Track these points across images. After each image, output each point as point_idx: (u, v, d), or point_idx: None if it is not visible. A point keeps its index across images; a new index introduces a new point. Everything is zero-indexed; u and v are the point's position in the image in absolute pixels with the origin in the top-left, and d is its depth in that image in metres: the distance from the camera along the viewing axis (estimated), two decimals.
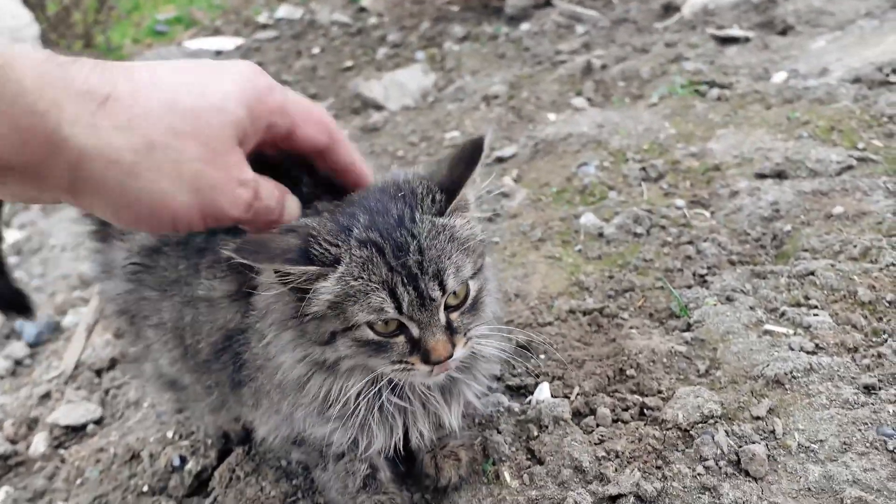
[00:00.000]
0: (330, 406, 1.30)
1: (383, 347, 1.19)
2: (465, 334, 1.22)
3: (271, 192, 1.15)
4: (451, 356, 1.18)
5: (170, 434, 1.99)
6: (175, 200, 1.02)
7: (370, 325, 1.17)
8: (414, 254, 1.14)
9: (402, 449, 1.44)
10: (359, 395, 1.28)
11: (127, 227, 1.23)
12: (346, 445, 1.42)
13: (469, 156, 1.21)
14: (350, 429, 1.35)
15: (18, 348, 2.74)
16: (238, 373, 1.41)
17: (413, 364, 1.19)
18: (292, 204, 1.21)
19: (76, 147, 0.92)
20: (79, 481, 1.96)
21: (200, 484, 1.82)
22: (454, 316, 1.21)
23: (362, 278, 1.13)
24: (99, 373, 2.48)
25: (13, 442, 2.25)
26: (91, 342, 2.61)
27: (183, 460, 1.87)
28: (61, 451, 2.14)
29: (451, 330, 1.20)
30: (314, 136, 1.19)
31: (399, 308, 1.14)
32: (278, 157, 1.21)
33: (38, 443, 2.20)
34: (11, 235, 3.47)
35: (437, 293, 1.15)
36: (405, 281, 1.13)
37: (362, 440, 1.39)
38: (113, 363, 2.49)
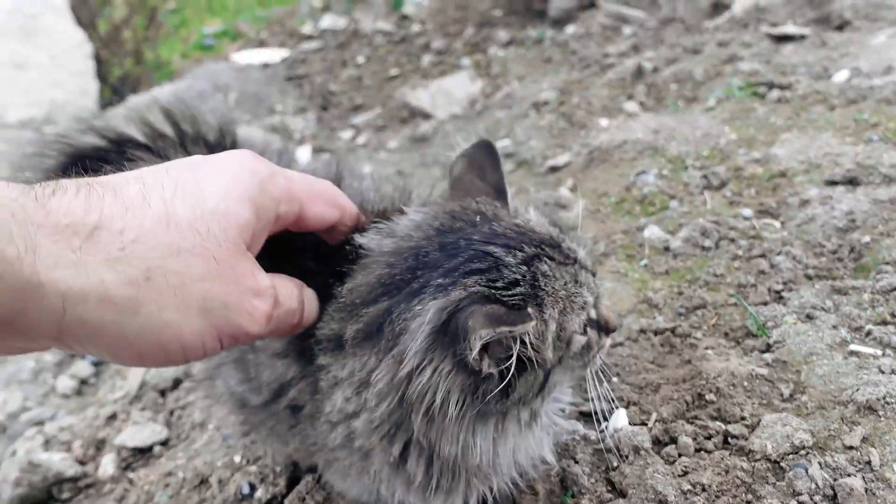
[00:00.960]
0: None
1: (588, 346, 1.21)
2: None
3: (291, 292, 1.08)
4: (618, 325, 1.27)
5: (237, 459, 1.97)
6: (184, 330, 0.92)
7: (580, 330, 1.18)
8: (558, 242, 1.19)
9: None
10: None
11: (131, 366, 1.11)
12: None
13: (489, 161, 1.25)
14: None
15: (83, 367, 2.75)
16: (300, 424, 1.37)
17: (603, 344, 1.25)
18: (311, 298, 1.15)
19: (58, 292, 0.82)
20: None
21: None
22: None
23: (555, 288, 1.12)
24: (163, 393, 2.48)
25: (82, 463, 2.26)
26: None
27: (252, 488, 1.85)
28: (129, 474, 2.14)
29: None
30: (324, 213, 1.13)
31: (591, 291, 1.19)
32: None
33: (107, 465, 2.20)
34: None
35: (591, 291, 1.20)
36: (577, 268, 1.17)
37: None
38: (176, 383, 2.49)
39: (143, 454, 2.24)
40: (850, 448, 1.46)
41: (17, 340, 0.85)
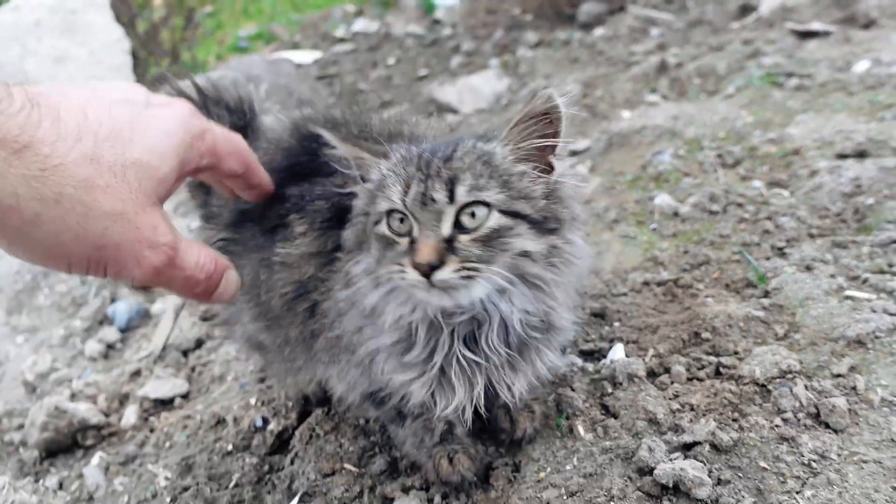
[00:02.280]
0: (409, 350, 1.32)
1: (390, 245, 1.23)
2: (463, 260, 1.17)
3: (201, 263, 1.16)
4: (432, 265, 1.15)
5: (252, 401, 2.05)
6: (73, 254, 1.02)
7: (387, 218, 1.24)
8: (440, 160, 1.22)
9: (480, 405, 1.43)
10: (431, 340, 1.31)
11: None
12: (425, 399, 1.40)
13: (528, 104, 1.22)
14: (428, 382, 1.35)
15: (110, 333, 2.85)
16: (312, 322, 1.45)
17: (404, 267, 1.19)
18: (231, 280, 1.24)
19: None
20: (167, 444, 2.04)
21: (282, 443, 1.88)
22: (463, 238, 1.18)
23: (393, 171, 1.24)
24: (185, 353, 2.57)
25: (106, 414, 2.35)
26: (178, 324, 2.71)
27: (265, 421, 1.93)
28: (151, 419, 2.22)
29: (451, 246, 1.18)
30: (233, 167, 1.27)
31: (404, 200, 1.20)
32: None
33: (129, 415, 2.30)
34: None
35: (441, 195, 1.18)
36: (420, 178, 1.20)
37: (440, 397, 1.37)
38: (199, 343, 2.59)
39: (164, 405, 2.33)
40: (838, 376, 1.50)
41: None
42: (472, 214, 1.18)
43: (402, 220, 1.22)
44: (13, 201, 0.94)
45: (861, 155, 2.35)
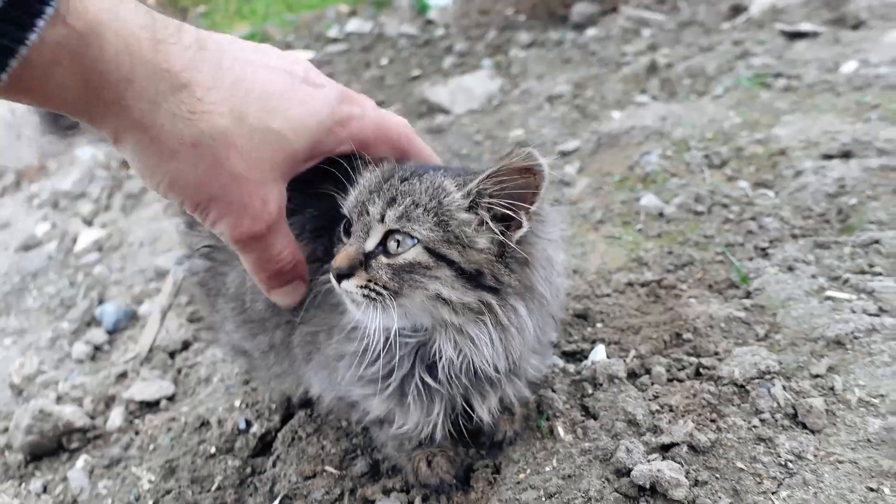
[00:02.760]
0: (371, 363, 1.30)
1: (336, 248, 1.27)
2: (371, 279, 1.18)
3: (280, 255, 1.24)
4: (340, 272, 1.19)
5: (237, 403, 2.06)
6: (189, 196, 1.10)
7: (344, 222, 1.27)
8: (397, 180, 1.22)
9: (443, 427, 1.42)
10: (390, 358, 1.29)
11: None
12: (385, 416, 1.42)
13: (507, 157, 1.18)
14: (386, 400, 1.36)
15: (98, 335, 2.85)
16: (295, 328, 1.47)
17: (329, 270, 1.22)
18: (297, 292, 1.33)
19: (131, 118, 1.01)
20: (151, 447, 2.04)
21: (265, 445, 1.88)
22: (382, 260, 1.19)
23: (363, 182, 1.26)
24: (172, 354, 2.57)
25: (91, 417, 2.35)
26: (165, 326, 2.71)
27: (248, 424, 1.93)
28: (136, 422, 2.22)
29: (365, 263, 1.20)
30: (385, 153, 1.30)
31: (347, 204, 1.25)
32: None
33: (115, 417, 2.29)
34: (93, 234, 3.63)
35: (375, 211, 1.19)
36: (370, 191, 1.22)
37: (399, 416, 1.38)
38: (185, 345, 2.58)
39: (150, 407, 2.33)
40: (816, 376, 1.50)
41: (87, 124, 1.04)
42: (398, 242, 1.18)
43: (347, 228, 1.25)
44: (159, 132, 1.03)
45: (846, 155, 2.36)
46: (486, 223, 1.17)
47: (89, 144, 4.39)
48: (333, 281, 1.20)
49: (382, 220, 1.18)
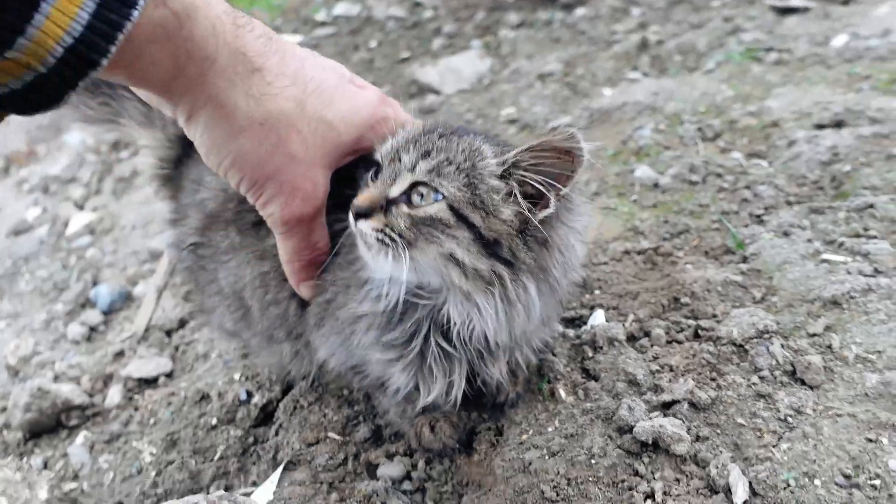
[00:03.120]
0: (389, 328, 1.31)
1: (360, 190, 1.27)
2: (387, 224, 1.18)
3: (322, 243, 1.35)
4: (359, 211, 1.20)
5: (237, 376, 2.06)
6: (248, 173, 1.21)
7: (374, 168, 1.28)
8: (433, 139, 1.23)
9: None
10: (408, 322, 1.31)
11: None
12: (408, 386, 1.40)
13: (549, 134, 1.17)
14: (410, 367, 1.35)
15: (93, 316, 2.85)
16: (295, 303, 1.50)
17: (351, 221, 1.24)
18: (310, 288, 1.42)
19: (208, 94, 1.12)
20: (152, 421, 2.05)
21: (266, 416, 1.88)
22: (403, 209, 1.19)
23: (399, 136, 1.28)
24: (169, 333, 2.57)
25: (90, 395, 2.35)
26: (161, 305, 2.71)
27: (249, 395, 1.94)
28: (135, 398, 2.22)
29: (385, 207, 1.20)
30: None
31: (382, 150, 1.27)
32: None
33: (113, 395, 2.30)
34: (85, 217, 3.61)
35: (407, 159, 1.21)
36: (405, 143, 1.24)
37: (423, 384, 1.37)
38: (182, 323, 2.58)
39: (148, 384, 2.33)
40: (813, 335, 1.52)
41: (160, 101, 1.16)
42: (422, 195, 1.19)
43: (377, 173, 1.26)
44: (232, 109, 1.14)
45: (838, 125, 2.38)
46: (515, 195, 1.17)
47: (78, 128, 4.38)
48: (351, 219, 1.22)
49: (413, 169, 1.20)
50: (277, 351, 1.65)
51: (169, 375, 2.36)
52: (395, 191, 1.20)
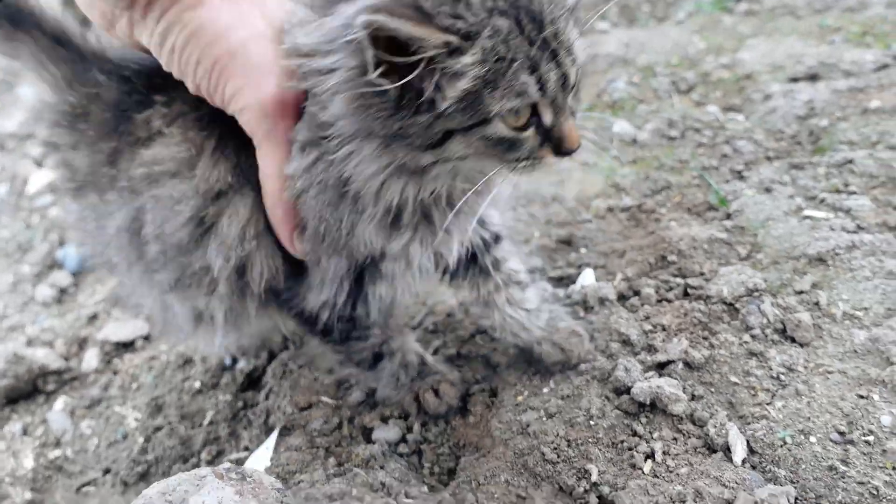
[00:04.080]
0: (400, 215, 1.17)
1: (513, 144, 1.03)
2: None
3: None
4: (580, 145, 1.06)
5: (217, 341, 2.03)
6: (205, 52, 1.07)
7: (504, 117, 0.99)
8: (550, 25, 0.98)
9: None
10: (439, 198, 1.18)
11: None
12: (430, 260, 1.29)
13: None
14: (424, 239, 1.23)
15: (62, 277, 2.78)
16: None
17: (542, 157, 1.06)
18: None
19: None
20: (134, 386, 2.02)
21: (251, 381, 1.87)
22: (570, 101, 1.06)
23: (504, 57, 0.95)
24: None
25: (66, 359, 2.31)
26: None
27: (234, 360, 1.92)
28: (114, 362, 2.19)
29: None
30: None
31: (543, 89, 0.98)
32: None
33: (90, 359, 2.25)
34: (46, 175, 3.50)
35: (574, 72, 1.03)
36: (548, 57, 0.98)
37: (444, 248, 1.28)
38: None
39: (125, 348, 2.29)
40: (801, 292, 1.55)
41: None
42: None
43: (518, 112, 1.00)
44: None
45: (812, 78, 2.40)
46: None
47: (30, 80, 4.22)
48: (553, 159, 1.07)
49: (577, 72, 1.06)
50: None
51: (146, 338, 2.32)
52: (570, 98, 1.08)
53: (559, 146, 1.06)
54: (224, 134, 1.20)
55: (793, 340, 1.44)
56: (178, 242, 1.24)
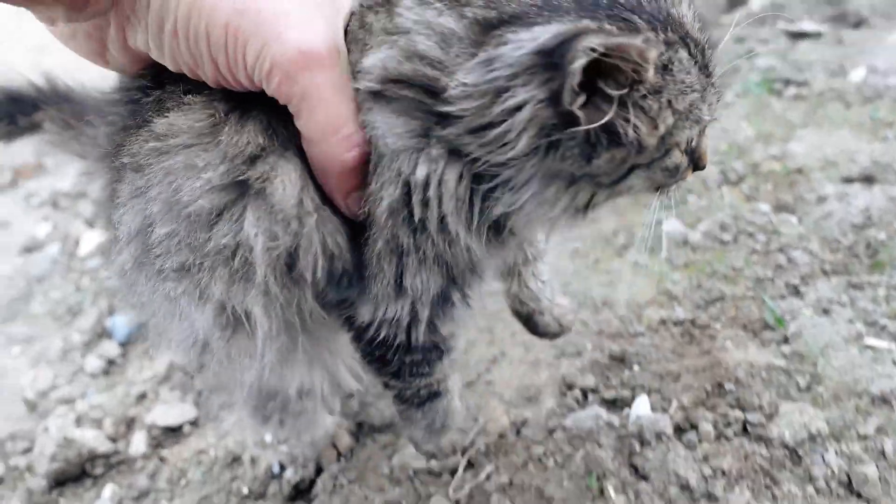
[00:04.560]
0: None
1: (676, 170, 0.98)
2: None
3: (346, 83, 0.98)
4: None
5: (268, 438, 2.04)
6: (214, 17, 0.88)
7: (680, 144, 0.95)
8: (710, 49, 0.97)
9: None
10: None
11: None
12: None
13: None
14: None
15: (110, 348, 2.81)
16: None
17: (686, 177, 1.03)
18: None
19: None
20: (182, 482, 2.03)
21: (298, 493, 1.86)
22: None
23: (691, 84, 0.91)
24: (191, 374, 2.54)
25: (113, 440, 2.32)
26: None
27: (282, 468, 1.92)
28: (161, 451, 2.20)
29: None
30: None
31: (710, 113, 0.97)
32: None
33: (138, 443, 2.27)
34: (96, 236, 3.55)
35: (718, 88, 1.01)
36: (709, 82, 0.96)
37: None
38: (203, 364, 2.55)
39: (173, 433, 2.31)
40: (865, 437, 1.52)
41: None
42: None
43: (690, 139, 0.97)
44: None
45: (867, 180, 2.37)
46: None
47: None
48: (692, 174, 1.05)
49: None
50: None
51: (194, 423, 2.33)
52: None
53: (698, 163, 1.05)
54: (250, 100, 0.99)
55: (859, 496, 1.41)
56: (196, 212, 0.98)
